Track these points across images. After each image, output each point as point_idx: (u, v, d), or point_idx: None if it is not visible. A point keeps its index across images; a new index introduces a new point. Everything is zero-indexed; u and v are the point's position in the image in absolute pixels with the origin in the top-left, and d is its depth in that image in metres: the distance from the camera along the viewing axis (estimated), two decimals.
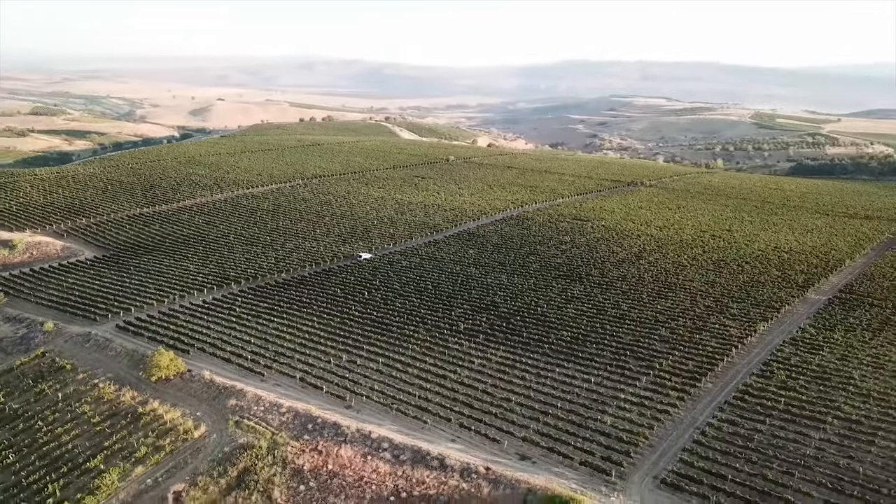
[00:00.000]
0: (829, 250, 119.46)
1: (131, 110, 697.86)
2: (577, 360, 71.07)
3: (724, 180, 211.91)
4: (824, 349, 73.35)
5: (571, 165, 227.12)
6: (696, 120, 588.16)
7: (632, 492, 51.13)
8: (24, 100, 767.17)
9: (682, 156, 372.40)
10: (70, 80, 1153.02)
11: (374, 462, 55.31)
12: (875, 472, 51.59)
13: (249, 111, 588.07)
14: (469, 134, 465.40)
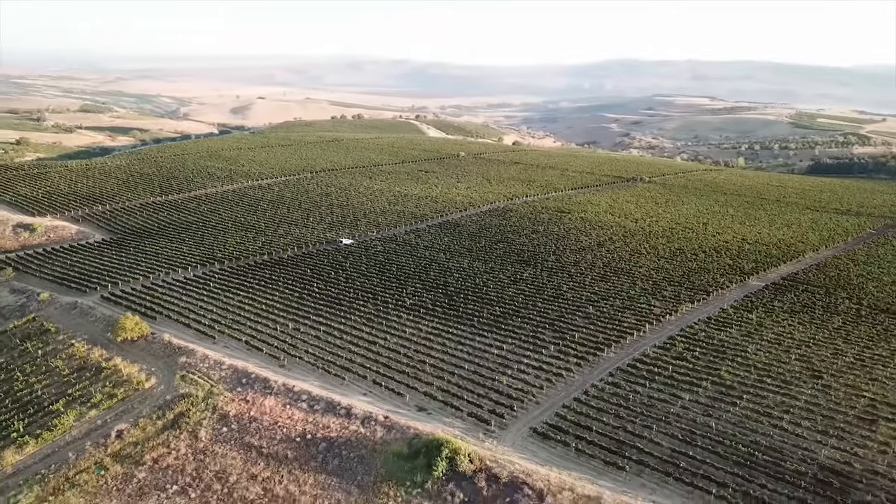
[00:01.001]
0: (797, 243, 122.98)
1: (177, 108, 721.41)
2: (499, 331, 77.67)
3: (730, 178, 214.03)
4: (733, 327, 78.48)
5: (578, 162, 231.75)
6: (730, 119, 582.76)
7: (505, 439, 57.86)
8: (78, 98, 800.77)
9: (708, 154, 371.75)
10: (123, 79, 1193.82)
11: (291, 410, 63.06)
12: (725, 427, 57.28)
13: (288, 109, 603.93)
14: (497, 132, 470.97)
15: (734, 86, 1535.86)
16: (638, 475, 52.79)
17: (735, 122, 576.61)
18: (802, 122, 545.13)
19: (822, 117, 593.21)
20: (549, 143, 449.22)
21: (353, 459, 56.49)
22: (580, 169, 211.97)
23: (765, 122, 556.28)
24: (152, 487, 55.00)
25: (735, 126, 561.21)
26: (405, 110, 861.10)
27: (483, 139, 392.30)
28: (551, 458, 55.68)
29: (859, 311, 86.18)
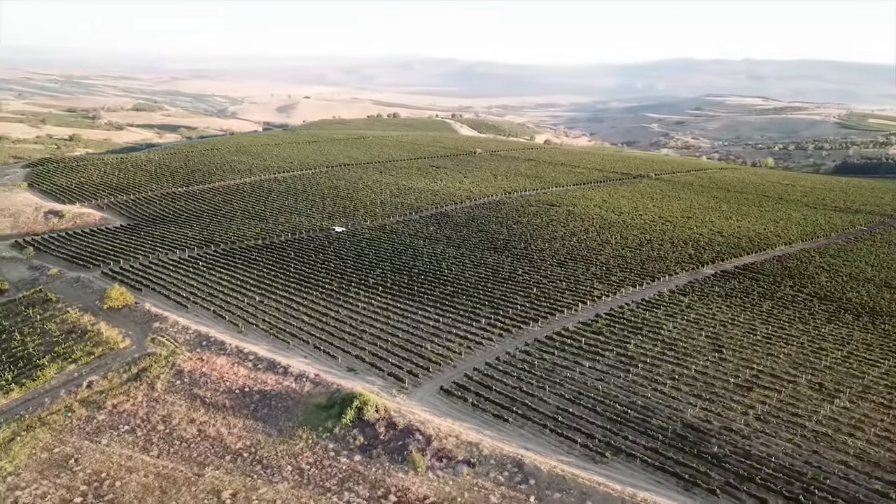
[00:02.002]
0: (773, 237, 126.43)
1: (226, 107, 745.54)
2: (443, 307, 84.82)
3: (743, 176, 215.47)
4: (661, 308, 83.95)
5: (591, 159, 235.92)
6: (775, 119, 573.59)
7: (415, 395, 65.24)
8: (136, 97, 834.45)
9: (741, 154, 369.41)
10: (178, 79, 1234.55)
11: (237, 368, 71.59)
12: (610, 390, 63.47)
13: (332, 108, 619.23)
14: (532, 131, 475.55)
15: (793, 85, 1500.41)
16: (520, 427, 59.52)
17: (779, 123, 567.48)
18: (849, 123, 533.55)
19: (876, 118, 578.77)
20: (583, 142, 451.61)
21: (279, 409, 64.64)
22: (591, 166, 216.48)
23: (811, 122, 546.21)
24: (107, 427, 64.00)
25: (779, 126, 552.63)
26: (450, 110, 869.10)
27: (515, 138, 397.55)
28: (450, 411, 62.83)
29: (795, 298, 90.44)
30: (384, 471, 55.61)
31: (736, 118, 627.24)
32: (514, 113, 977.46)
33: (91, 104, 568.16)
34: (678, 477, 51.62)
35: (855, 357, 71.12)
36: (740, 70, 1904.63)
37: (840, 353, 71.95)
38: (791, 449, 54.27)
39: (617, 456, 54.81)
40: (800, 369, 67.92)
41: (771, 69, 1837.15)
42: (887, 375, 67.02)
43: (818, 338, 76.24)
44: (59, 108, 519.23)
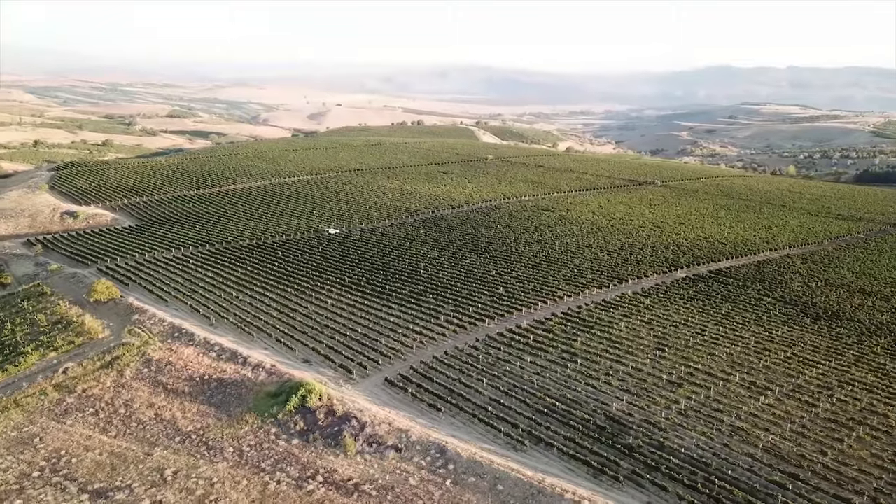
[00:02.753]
0: (760, 242, 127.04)
1: (258, 114, 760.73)
2: (408, 305, 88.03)
3: (753, 183, 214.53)
4: (618, 309, 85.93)
5: (602, 166, 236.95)
6: (807, 128, 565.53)
7: (360, 386, 68.63)
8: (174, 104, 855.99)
9: (765, 162, 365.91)
10: (220, 86, 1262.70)
11: (202, 358, 75.76)
12: (544, 383, 66.00)
13: (362, 115, 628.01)
14: (556, 138, 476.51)
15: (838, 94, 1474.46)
16: (452, 417, 62.46)
17: (812, 131, 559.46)
18: (885, 132, 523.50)
19: None
20: (608, 150, 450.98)
21: (232, 396, 68.57)
22: (598, 172, 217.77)
23: (845, 131, 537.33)
24: (74, 409, 68.57)
25: (812, 135, 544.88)
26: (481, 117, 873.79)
27: (537, 145, 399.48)
28: (390, 401, 66.05)
29: (759, 301, 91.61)
30: (317, 454, 58.99)
31: (768, 127, 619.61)
32: (545, 121, 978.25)
33: (129, 111, 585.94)
34: (588, 465, 54.04)
35: (797, 358, 72.36)
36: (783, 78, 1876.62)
37: (784, 353, 73.24)
38: (703, 442, 56.21)
39: (537, 445, 57.35)
40: (737, 368, 69.50)
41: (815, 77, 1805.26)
42: (823, 376, 68.25)
43: (766, 339, 77.54)
44: (97, 115, 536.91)
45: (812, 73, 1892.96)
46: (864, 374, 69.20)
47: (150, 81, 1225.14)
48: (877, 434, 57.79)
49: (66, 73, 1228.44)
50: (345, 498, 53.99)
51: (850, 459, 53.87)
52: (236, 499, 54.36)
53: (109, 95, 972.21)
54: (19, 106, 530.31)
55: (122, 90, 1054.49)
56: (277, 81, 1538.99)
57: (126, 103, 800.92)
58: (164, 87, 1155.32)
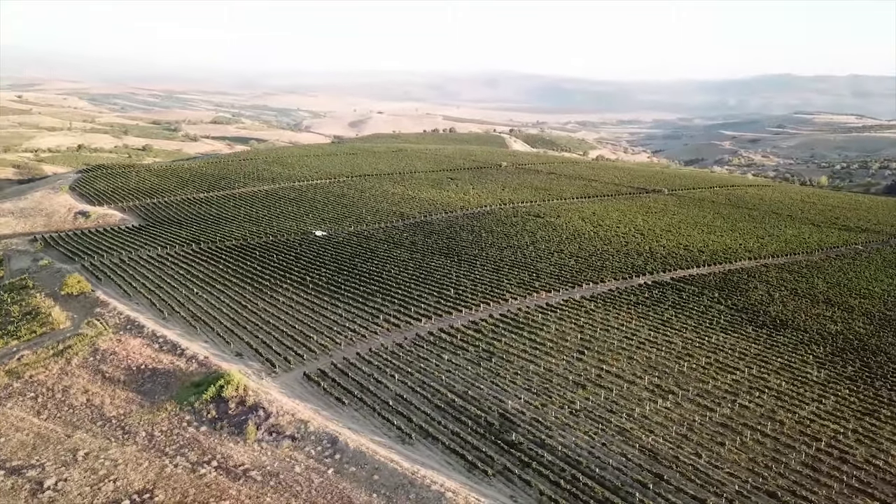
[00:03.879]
0: (744, 251, 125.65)
1: (301, 121, 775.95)
2: (355, 303, 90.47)
3: (767, 193, 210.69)
4: (558, 311, 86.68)
5: (615, 174, 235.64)
6: (855, 138, 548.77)
7: (279, 379, 71.35)
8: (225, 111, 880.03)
9: (799, 172, 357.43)
10: (270, 94, 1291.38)
11: (144, 349, 79.62)
12: (451, 381, 67.59)
13: (400, 123, 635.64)
14: (588, 146, 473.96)
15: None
16: (356, 410, 64.68)
17: (861, 142, 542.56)
18: None
19: None
20: (641, 158, 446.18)
21: (161, 384, 72.12)
22: (609, 180, 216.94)
23: (891, 141, 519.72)
24: (17, 394, 73.00)
25: (859, 145, 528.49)
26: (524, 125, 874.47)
27: (568, 153, 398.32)
28: (303, 393, 68.59)
29: (709, 308, 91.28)
30: (220, 440, 61.89)
31: (815, 136, 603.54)
32: (590, 129, 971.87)
33: (177, 117, 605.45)
34: (465, 459, 55.48)
35: (717, 364, 72.27)
36: (844, 87, 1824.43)
37: (706, 359, 73.22)
38: (584, 441, 57.08)
39: (424, 438, 59.10)
40: (649, 372, 69.87)
41: (878, 86, 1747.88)
42: (736, 382, 68.15)
43: (695, 345, 77.47)
44: (145, 121, 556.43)
45: (875, 81, 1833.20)
46: (780, 382, 68.74)
47: (203, 89, 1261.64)
48: (764, 440, 57.74)
49: (127, 81, 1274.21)
50: (231, 482, 56.67)
51: (725, 463, 54.11)
52: (133, 479, 57.53)
53: (164, 102, 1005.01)
54: (72, 112, 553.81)
55: (177, 97, 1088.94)
56: (327, 89, 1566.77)
57: (179, 110, 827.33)
58: (216, 94, 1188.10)
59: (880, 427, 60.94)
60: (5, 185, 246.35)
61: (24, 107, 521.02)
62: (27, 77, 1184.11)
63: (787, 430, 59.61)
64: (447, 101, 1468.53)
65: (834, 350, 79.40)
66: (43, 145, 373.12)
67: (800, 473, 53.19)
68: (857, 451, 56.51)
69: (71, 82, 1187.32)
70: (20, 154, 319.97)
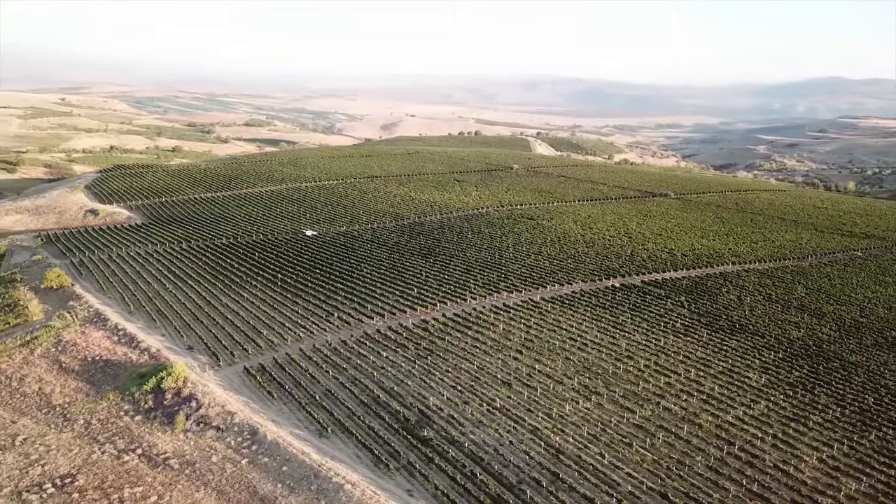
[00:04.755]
0: (732, 256, 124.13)
1: (334, 123, 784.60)
2: (317, 301, 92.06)
3: (781, 198, 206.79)
4: (512, 312, 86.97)
5: (624, 177, 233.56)
6: (893, 143, 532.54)
7: (220, 372, 73.31)
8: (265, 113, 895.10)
9: (829, 177, 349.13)
10: (310, 97, 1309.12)
11: (104, 341, 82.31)
12: (381, 377, 68.63)
13: (433, 126, 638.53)
14: (615, 150, 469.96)
15: None
16: (284, 403, 66.26)
17: None
18: None
19: None
20: (668, 162, 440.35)
21: (110, 375, 74.65)
22: (618, 184, 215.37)
23: None
24: None
25: None
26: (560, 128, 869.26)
27: (592, 156, 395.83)
28: (239, 387, 70.39)
29: (669, 312, 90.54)
30: (149, 429, 63.97)
31: (856, 141, 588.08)
32: (626, 133, 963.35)
33: (212, 120, 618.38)
34: (373, 454, 56.48)
35: (655, 366, 71.93)
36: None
37: (644, 362, 72.91)
38: (494, 438, 57.58)
39: (342, 433, 60.25)
40: (582, 372, 69.91)
41: None
42: (668, 385, 67.84)
43: (640, 347, 77.17)
44: (181, 123, 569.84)
45: None
46: (714, 386, 68.16)
47: (244, 92, 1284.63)
48: (675, 442, 57.50)
49: (171, 85, 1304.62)
50: (150, 469, 58.64)
51: (628, 464, 54.08)
52: (61, 464, 59.96)
53: (205, 105, 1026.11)
54: (112, 114, 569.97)
55: (219, 100, 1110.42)
56: (366, 93, 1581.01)
57: (217, 112, 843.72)
58: (257, 97, 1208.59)
59: (803, 433, 60.02)
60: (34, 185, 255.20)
61: (65, 109, 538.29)
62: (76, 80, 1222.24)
63: (704, 433, 59.16)
64: (485, 105, 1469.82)
65: (785, 356, 78.13)
66: (78, 146, 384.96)
67: (701, 476, 52.85)
68: (770, 455, 55.82)
69: (119, 85, 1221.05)
70: (53, 154, 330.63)
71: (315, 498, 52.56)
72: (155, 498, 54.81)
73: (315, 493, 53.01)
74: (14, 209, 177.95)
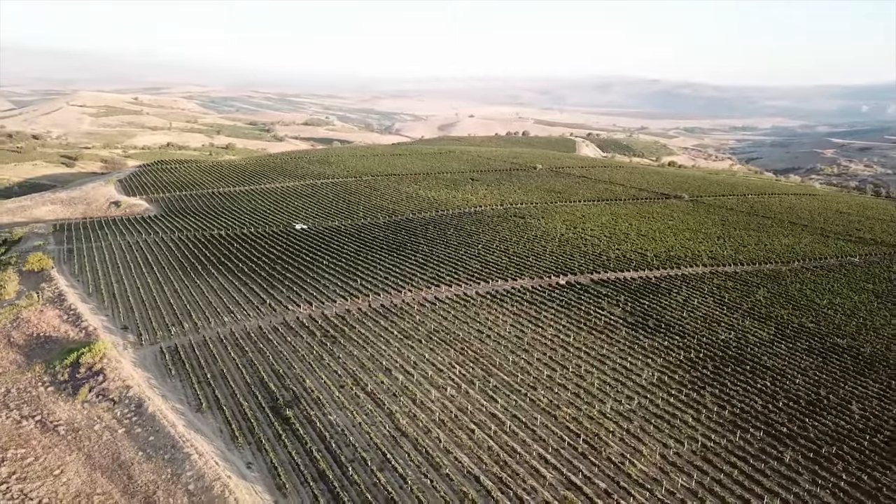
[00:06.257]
0: (709, 258, 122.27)
1: (393, 123, 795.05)
2: (261, 289, 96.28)
3: (803, 202, 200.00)
4: (436, 305, 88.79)
5: (651, 179, 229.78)
6: None
7: (140, 351, 78.27)
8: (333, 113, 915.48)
9: (889, 182, 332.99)
10: (378, 98, 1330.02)
11: (55, 320, 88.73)
12: (276, 361, 71.96)
13: (490, 126, 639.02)
14: (667, 152, 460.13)
15: None
16: (180, 381, 70.64)
17: None
18: None
19: None
20: (722, 165, 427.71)
21: (46, 349, 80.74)
22: (634, 185, 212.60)
23: None
24: None
25: None
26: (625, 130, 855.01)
27: (638, 158, 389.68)
28: (149, 365, 75.20)
29: (600, 309, 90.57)
30: (55, 399, 69.30)
31: None
32: (696, 135, 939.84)
33: (274, 119, 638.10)
34: (231, 428, 59.96)
35: (546, 360, 72.79)
36: None
37: (539, 355, 73.78)
38: (348, 420, 60.15)
39: (217, 409, 63.98)
40: (468, 363, 71.48)
41: None
42: (548, 378, 68.62)
43: (542, 341, 78.01)
44: (244, 122, 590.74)
45: None
46: (595, 381, 68.60)
47: (315, 92, 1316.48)
48: (521, 431, 58.56)
49: (246, 86, 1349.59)
50: (40, 434, 63.83)
51: (462, 449, 55.70)
52: None
53: (276, 105, 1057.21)
54: (179, 113, 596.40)
55: (289, 100, 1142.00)
56: (436, 94, 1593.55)
57: (283, 113, 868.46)
58: (327, 97, 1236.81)
59: (661, 430, 60.07)
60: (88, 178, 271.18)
61: (136, 108, 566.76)
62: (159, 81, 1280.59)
63: (555, 424, 59.96)
64: (552, 106, 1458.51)
65: (698, 357, 77.41)
66: (139, 143, 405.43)
67: (527, 465, 53.93)
68: (610, 449, 56.34)
69: (197, 86, 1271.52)
70: (113, 150, 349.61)
71: (165, 465, 56.36)
72: (31, 459, 59.70)
73: (166, 462, 56.79)
74: (50, 200, 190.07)
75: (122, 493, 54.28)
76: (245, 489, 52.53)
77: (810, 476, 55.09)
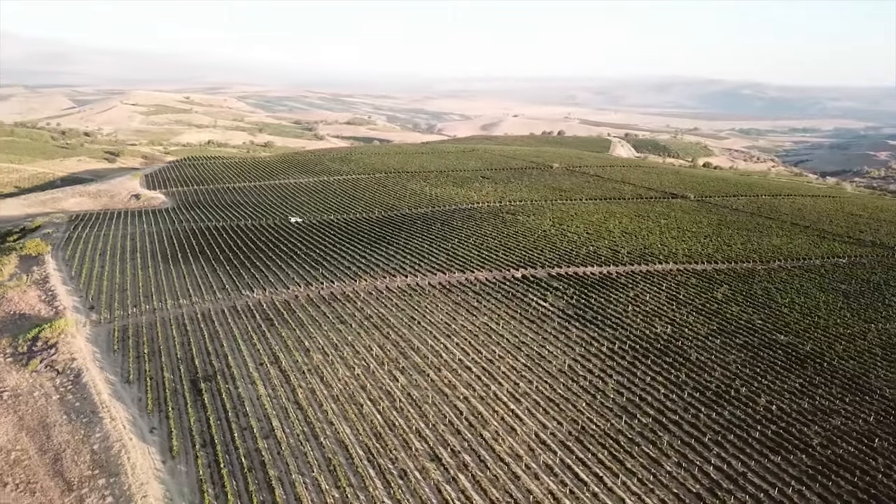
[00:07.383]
0: (685, 256, 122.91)
1: (436, 123, 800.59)
2: (227, 277, 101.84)
3: (815, 203, 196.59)
4: (383, 294, 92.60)
5: (655, 178, 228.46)
6: None
7: (96, 329, 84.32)
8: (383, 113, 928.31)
9: None
10: (430, 98, 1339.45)
11: (34, 300, 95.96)
12: (212, 342, 77.03)
13: (534, 126, 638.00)
14: (704, 153, 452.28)
15: None
16: (122, 355, 76.24)
17: None
18: None
19: None
20: (762, 167, 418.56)
21: (17, 325, 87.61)
22: (642, 184, 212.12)
23: None
24: None
25: None
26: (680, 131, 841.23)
27: (672, 159, 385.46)
28: (101, 342, 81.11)
29: (542, 301, 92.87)
30: (9, 369, 75.76)
31: None
32: (749, 137, 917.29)
33: (318, 118, 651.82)
34: (147, 396, 65.13)
35: (462, 346, 75.82)
36: None
37: (460, 341, 76.91)
38: (251, 394, 64.67)
39: (142, 380, 69.36)
40: (388, 347, 75.15)
41: None
42: (459, 362, 71.70)
43: (468, 329, 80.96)
44: (289, 121, 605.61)
45: None
46: (501, 367, 71.40)
47: (367, 92, 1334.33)
48: (404, 407, 61.94)
49: (301, 86, 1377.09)
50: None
51: (339, 419, 59.46)
52: None
53: (329, 104, 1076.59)
54: (227, 111, 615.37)
55: (342, 100, 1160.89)
56: (491, 94, 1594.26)
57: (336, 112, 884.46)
58: (379, 97, 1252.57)
59: (548, 412, 62.58)
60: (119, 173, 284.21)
61: (186, 106, 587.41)
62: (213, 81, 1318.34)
63: (445, 402, 63.11)
64: (607, 106, 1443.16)
65: (621, 348, 79.27)
66: (183, 140, 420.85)
67: (392, 438, 57.26)
68: (485, 427, 59.18)
69: (253, 86, 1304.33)
70: (154, 147, 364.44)
71: (80, 428, 61.83)
72: None
73: (83, 424, 62.25)
74: (79, 192, 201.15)
75: (38, 450, 59.86)
76: (140, 451, 57.48)
77: (678, 459, 56.87)
